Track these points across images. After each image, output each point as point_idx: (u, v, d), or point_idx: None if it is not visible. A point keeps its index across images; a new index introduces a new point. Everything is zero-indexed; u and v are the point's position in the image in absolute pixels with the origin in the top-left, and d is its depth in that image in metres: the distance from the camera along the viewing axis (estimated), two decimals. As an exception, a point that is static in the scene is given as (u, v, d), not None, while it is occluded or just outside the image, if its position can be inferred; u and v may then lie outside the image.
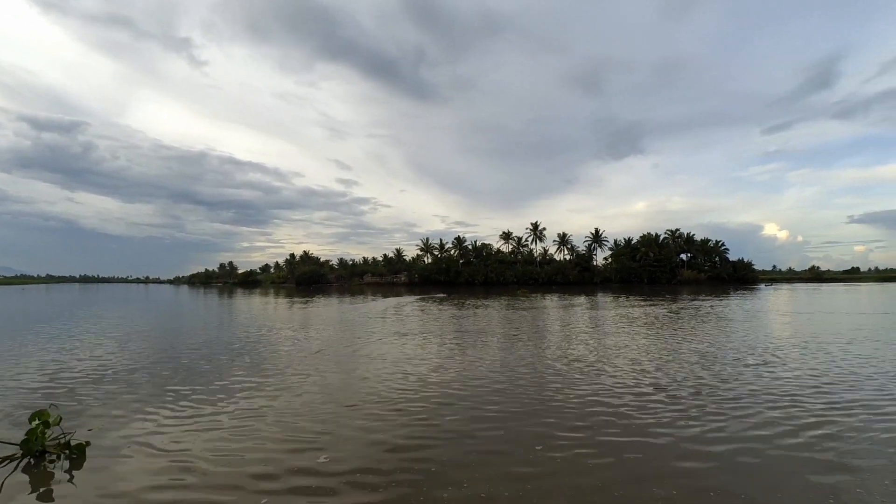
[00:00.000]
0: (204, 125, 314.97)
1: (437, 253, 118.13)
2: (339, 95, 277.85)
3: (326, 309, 31.47)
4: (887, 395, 7.90)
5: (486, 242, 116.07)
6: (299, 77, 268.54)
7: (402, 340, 15.06)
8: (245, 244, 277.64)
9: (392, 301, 40.56)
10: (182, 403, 7.69)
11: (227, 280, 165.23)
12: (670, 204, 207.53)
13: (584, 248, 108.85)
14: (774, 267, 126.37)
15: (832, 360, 11.09)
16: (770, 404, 7.34)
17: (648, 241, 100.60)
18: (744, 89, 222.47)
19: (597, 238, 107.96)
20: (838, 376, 9.34)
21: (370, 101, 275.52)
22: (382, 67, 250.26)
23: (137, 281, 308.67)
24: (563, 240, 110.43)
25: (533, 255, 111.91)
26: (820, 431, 6.10)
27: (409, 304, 35.03)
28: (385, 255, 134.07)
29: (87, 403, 7.73)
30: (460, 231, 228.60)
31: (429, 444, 5.80)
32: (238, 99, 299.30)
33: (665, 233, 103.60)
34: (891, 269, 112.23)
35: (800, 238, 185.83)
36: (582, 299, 40.66)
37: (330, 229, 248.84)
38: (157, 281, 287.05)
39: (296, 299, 46.79)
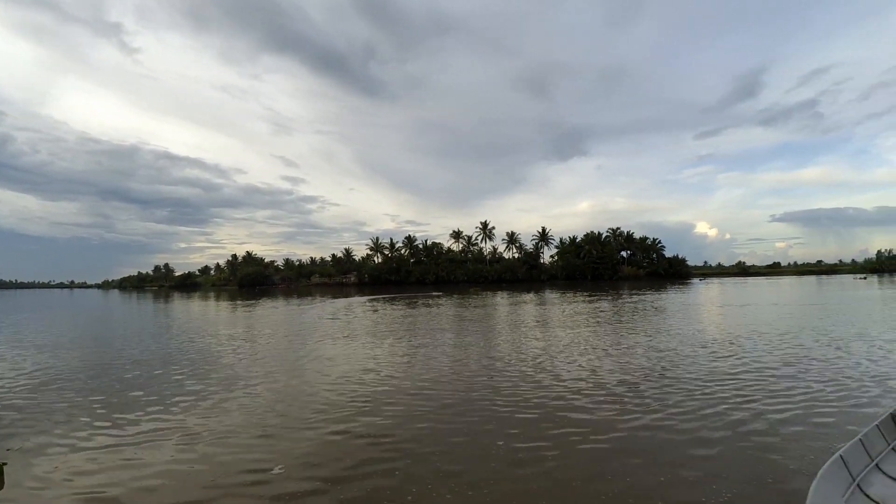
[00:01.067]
0: (137, 117, 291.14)
1: (387, 252, 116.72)
2: (285, 90, 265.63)
3: (272, 312, 29.97)
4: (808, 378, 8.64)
5: (437, 241, 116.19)
6: (242, 69, 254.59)
7: (354, 343, 14.43)
8: (182, 245, 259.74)
9: (342, 302, 39.12)
10: (113, 420, 7.03)
11: (163, 283, 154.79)
12: (612, 204, 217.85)
13: (532, 247, 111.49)
14: (705, 262, 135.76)
15: (759, 347, 11.97)
16: (714, 393, 7.75)
17: (592, 239, 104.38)
18: (679, 97, 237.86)
19: (544, 237, 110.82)
20: (764, 361, 10.23)
21: (318, 97, 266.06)
22: (331, 62, 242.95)
23: (61, 286, 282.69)
24: (512, 238, 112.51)
25: (483, 253, 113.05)
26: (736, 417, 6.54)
27: (359, 305, 33.86)
28: (334, 255, 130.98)
29: (4, 423, 7.05)
30: (411, 230, 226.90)
31: (387, 451, 5.60)
32: (175, 90, 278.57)
33: (607, 231, 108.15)
34: (808, 264, 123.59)
35: (728, 236, 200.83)
36: (531, 296, 41.32)
37: (275, 228, 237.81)
38: (84, 285, 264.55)
39: (239, 302, 44.16)
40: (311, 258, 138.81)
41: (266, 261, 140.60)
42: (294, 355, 12.43)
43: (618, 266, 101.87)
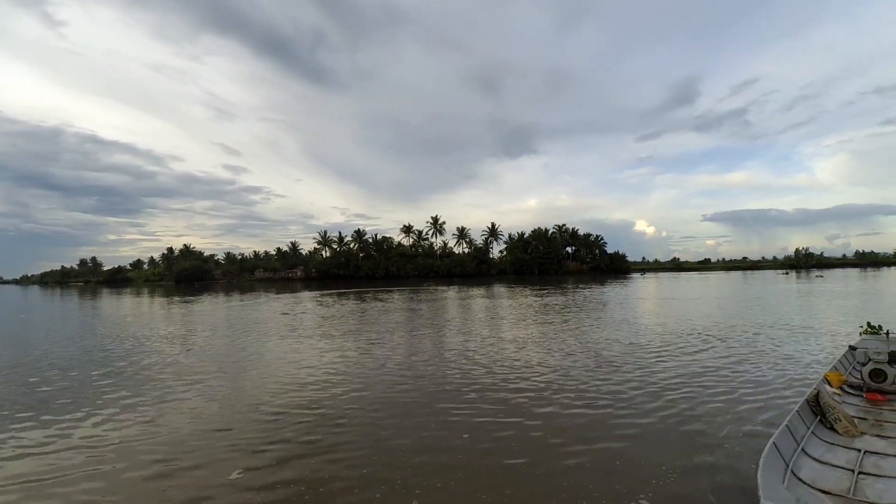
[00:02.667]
0: (60, 97, 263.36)
1: (336, 246, 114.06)
2: (227, 73, 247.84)
3: (212, 309, 27.91)
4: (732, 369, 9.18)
5: (388, 236, 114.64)
6: (180, 48, 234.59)
7: (301, 341, 13.62)
8: (112, 237, 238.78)
9: (288, 298, 37.35)
10: (30, 433, 6.24)
11: (90, 279, 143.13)
12: (558, 201, 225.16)
13: (482, 242, 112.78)
14: (643, 258, 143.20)
15: (691, 336, 13.15)
16: (659, 383, 8.15)
17: (539, 235, 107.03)
18: (621, 101, 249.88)
19: (493, 232, 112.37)
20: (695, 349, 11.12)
21: (263, 82, 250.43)
22: (277, 46, 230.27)
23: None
24: (462, 234, 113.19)
25: (433, 248, 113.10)
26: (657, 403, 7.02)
27: (307, 301, 32.41)
28: (279, 249, 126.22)
29: None
30: (361, 224, 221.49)
31: (338, 449, 5.45)
32: (104, 68, 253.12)
33: (553, 228, 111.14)
34: (735, 260, 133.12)
35: (664, 233, 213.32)
36: (482, 290, 41.75)
37: (215, 220, 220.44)
38: (0, 281, 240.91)
39: (175, 299, 40.87)
40: (255, 252, 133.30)
41: (205, 254, 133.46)
42: (235, 356, 11.52)
43: (563, 261, 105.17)
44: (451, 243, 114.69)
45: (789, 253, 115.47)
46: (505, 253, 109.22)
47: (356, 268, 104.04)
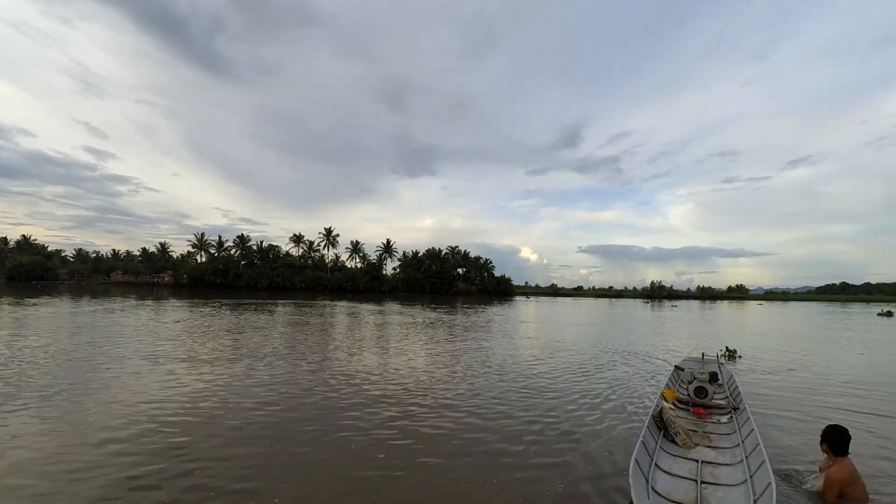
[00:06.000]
0: None
1: (214, 251, 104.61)
2: (103, 44, 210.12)
3: (51, 314, 22.64)
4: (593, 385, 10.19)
5: (275, 244, 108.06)
6: (48, 7, 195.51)
7: (160, 360, 11.50)
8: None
9: (150, 306, 32.15)
10: None
11: None
12: (453, 223, 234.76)
13: (376, 258, 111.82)
14: (526, 283, 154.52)
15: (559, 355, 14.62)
16: (535, 398, 8.70)
17: (433, 255, 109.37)
18: (517, 135, 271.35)
19: (388, 249, 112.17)
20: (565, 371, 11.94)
21: (146, 60, 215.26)
22: (168, 23, 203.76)
23: None
24: (356, 248, 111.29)
25: (325, 261, 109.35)
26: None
27: (174, 311, 27.82)
28: (145, 250, 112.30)
29: None
30: (246, 229, 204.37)
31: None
32: None
33: (447, 248, 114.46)
34: (603, 289, 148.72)
35: (545, 260, 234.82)
36: (373, 307, 40.53)
37: (68, 210, 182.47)
38: None
39: (4, 301, 32.48)
40: (114, 251, 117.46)
41: (50, 249, 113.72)
42: (83, 377, 9.31)
43: (454, 282, 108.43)
44: (344, 257, 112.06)
45: (646, 284, 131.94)
46: (398, 270, 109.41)
47: (236, 276, 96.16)
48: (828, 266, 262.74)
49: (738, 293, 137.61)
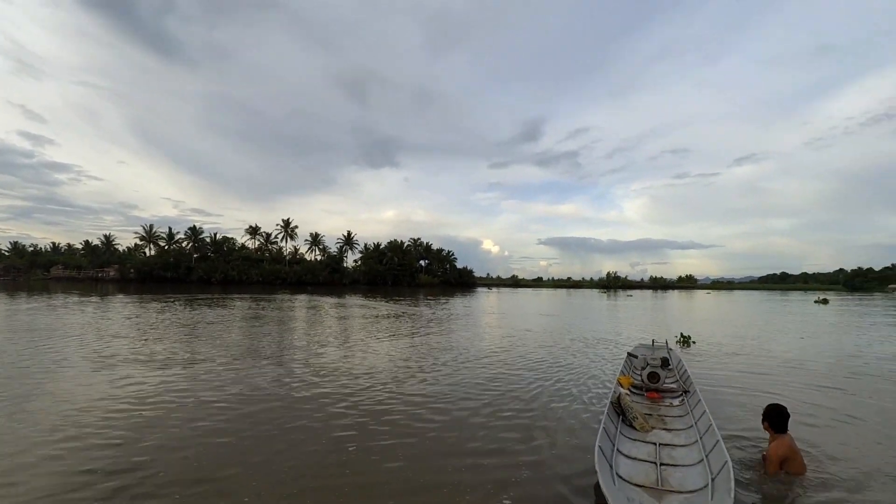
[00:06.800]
0: None
1: (164, 244, 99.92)
2: (40, 20, 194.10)
3: None
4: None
5: (230, 236, 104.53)
6: None
7: (107, 360, 10.56)
8: None
9: (95, 302, 29.68)
10: None
11: None
12: (415, 215, 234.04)
13: (337, 250, 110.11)
14: (488, 274, 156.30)
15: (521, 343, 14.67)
16: (500, 387, 8.61)
17: (395, 247, 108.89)
18: (479, 129, 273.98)
19: (349, 241, 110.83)
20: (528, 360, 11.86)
21: (88, 39, 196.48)
22: (114, 1, 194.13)
23: None
24: (316, 240, 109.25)
25: (282, 253, 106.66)
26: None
27: (122, 307, 25.84)
28: (87, 243, 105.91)
29: None
30: (198, 221, 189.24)
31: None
32: None
33: (409, 241, 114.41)
34: (561, 279, 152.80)
35: (506, 253, 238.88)
36: (335, 300, 39.54)
37: (1, 200, 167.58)
38: None
39: None
40: (54, 244, 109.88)
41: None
42: (15, 383, 8.20)
43: (416, 274, 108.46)
44: (303, 249, 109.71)
45: (603, 275, 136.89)
46: (360, 263, 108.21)
47: (188, 270, 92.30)
48: (769, 258, 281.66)
49: (687, 283, 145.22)
